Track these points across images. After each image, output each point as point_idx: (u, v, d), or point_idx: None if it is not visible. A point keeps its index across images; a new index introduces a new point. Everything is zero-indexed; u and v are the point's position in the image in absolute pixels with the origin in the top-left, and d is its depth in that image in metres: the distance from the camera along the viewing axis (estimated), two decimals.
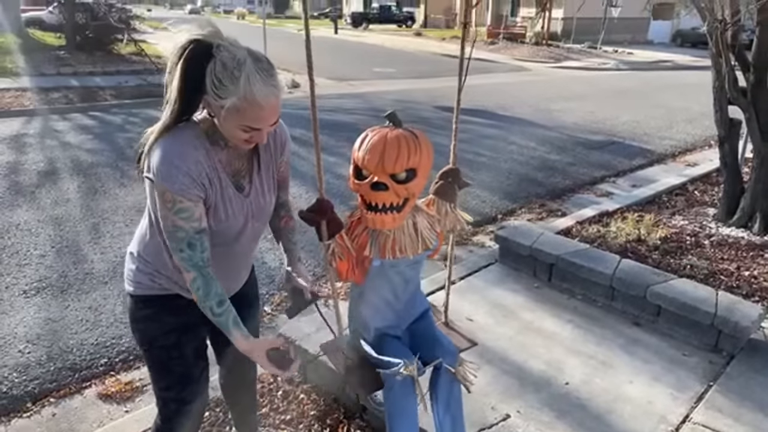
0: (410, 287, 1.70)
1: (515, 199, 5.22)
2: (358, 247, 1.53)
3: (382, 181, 1.44)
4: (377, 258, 1.55)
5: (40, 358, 2.66)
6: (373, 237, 1.53)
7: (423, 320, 1.79)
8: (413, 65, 16.73)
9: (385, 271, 1.60)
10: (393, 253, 1.54)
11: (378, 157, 1.42)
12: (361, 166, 1.45)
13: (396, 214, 1.48)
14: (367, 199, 1.45)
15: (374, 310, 1.67)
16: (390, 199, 1.46)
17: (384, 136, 1.44)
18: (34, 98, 9.00)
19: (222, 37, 1.21)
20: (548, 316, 3.08)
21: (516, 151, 7.00)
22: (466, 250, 4.10)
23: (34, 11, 19.95)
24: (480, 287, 3.41)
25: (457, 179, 1.73)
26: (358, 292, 1.70)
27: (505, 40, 24.94)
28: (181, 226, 1.27)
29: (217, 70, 1.17)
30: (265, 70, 1.21)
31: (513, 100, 10.92)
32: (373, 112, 9.42)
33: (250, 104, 1.19)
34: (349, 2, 48.43)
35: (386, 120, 1.50)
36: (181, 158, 1.25)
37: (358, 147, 1.46)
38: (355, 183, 1.47)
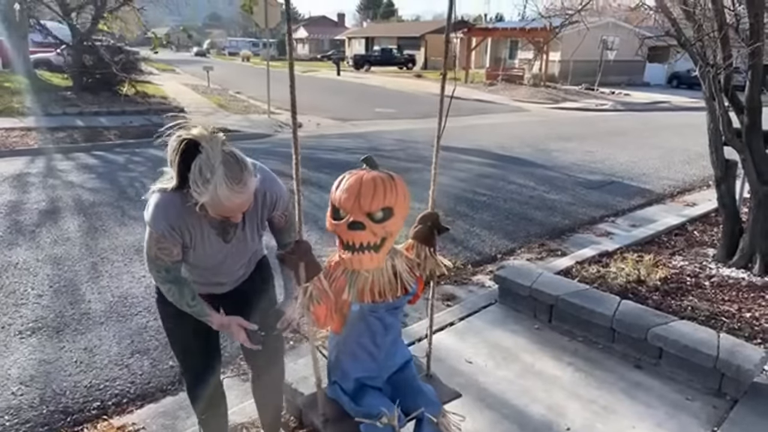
0: (390, 334, 1.66)
1: (515, 239, 5.22)
2: (336, 291, 1.50)
3: (359, 221, 1.44)
4: (356, 302, 1.53)
5: (33, 401, 2.61)
6: (352, 280, 1.51)
7: (405, 371, 1.74)
8: (413, 106, 17.02)
9: (365, 317, 1.57)
10: (372, 296, 1.52)
11: (354, 197, 1.44)
12: (338, 206, 1.46)
13: (374, 254, 1.47)
14: (344, 239, 1.45)
15: (354, 359, 1.63)
16: (367, 238, 1.46)
17: (360, 177, 1.45)
18: (38, 137, 9.13)
19: (207, 138, 1.47)
20: (549, 359, 3.04)
21: (515, 190, 7.04)
22: (466, 289, 4.08)
23: (43, 53, 20.42)
24: (480, 328, 3.38)
25: (436, 224, 1.72)
26: (336, 340, 1.66)
27: (503, 81, 25.44)
28: (161, 257, 1.64)
29: (195, 173, 1.46)
30: (235, 178, 1.46)
31: (512, 140, 11.05)
32: (374, 151, 9.52)
33: (217, 204, 1.49)
34: (351, 45, 49.65)
35: (363, 164, 1.52)
36: (167, 211, 1.59)
37: (335, 188, 1.48)
38: (333, 223, 1.47)
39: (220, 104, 15.29)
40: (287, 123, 12.30)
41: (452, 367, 2.92)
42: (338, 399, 1.66)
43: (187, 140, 1.48)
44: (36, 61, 18.96)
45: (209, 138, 1.47)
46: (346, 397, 1.62)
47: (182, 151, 1.49)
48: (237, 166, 1.48)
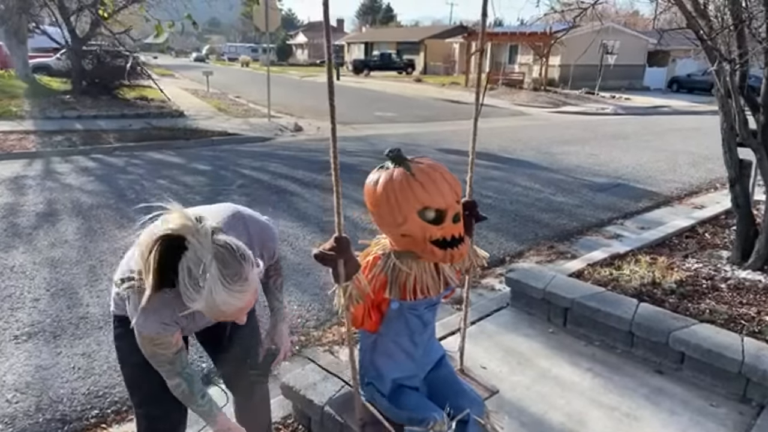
0: (428, 331, 1.59)
1: (523, 241, 5.12)
2: (376, 289, 1.41)
3: (458, 212, 1.38)
4: (396, 300, 1.43)
5: (29, 409, 2.49)
6: (393, 277, 1.42)
7: (441, 368, 1.66)
8: (414, 110, 16.95)
9: (404, 315, 1.49)
10: (414, 294, 1.43)
11: (452, 190, 1.35)
12: (442, 207, 1.32)
13: (465, 242, 1.42)
14: (442, 235, 1.33)
15: (391, 359, 1.54)
16: (461, 228, 1.40)
17: (435, 169, 1.37)
18: (36, 141, 9.03)
19: (193, 229, 1.19)
20: (566, 364, 2.93)
21: (521, 192, 6.94)
22: (476, 293, 3.96)
23: (42, 58, 20.38)
24: (492, 332, 3.27)
25: (474, 212, 1.63)
26: (370, 341, 1.57)
27: (504, 85, 25.41)
28: (161, 353, 1.40)
29: (184, 276, 1.19)
30: (233, 275, 1.20)
31: (515, 143, 10.97)
32: (375, 154, 9.43)
33: (215, 311, 1.23)
34: (350, 50, 49.71)
35: (391, 160, 1.38)
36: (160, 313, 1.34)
37: (423, 192, 1.29)
38: (436, 228, 1.32)
39: (220, 108, 15.20)
40: (287, 126, 12.23)
41: None
42: (375, 401, 1.58)
43: (165, 239, 1.19)
44: (35, 66, 18.92)
45: (195, 229, 1.19)
46: (384, 399, 1.54)
47: (161, 252, 1.20)
48: (234, 259, 1.20)
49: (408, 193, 1.29)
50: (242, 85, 23.99)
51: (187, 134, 10.40)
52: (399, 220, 1.30)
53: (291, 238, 4.83)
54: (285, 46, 62.68)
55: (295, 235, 4.94)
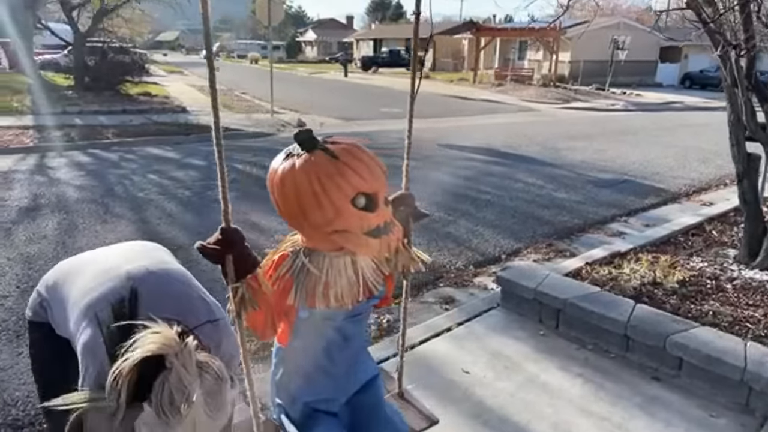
0: (352, 347, 1.33)
1: (520, 239, 4.91)
2: (280, 293, 1.18)
3: (386, 196, 1.19)
4: (304, 307, 1.20)
5: None
6: (299, 280, 1.18)
7: (369, 391, 1.41)
8: (420, 106, 16.52)
9: (317, 326, 1.25)
10: (326, 300, 1.19)
11: (383, 173, 1.16)
12: (373, 191, 1.11)
13: (396, 227, 1.20)
14: (377, 223, 1.12)
15: (303, 378, 1.29)
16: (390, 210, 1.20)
17: (357, 147, 1.13)
18: (35, 136, 8.95)
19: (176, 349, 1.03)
20: (555, 369, 2.74)
21: (522, 188, 6.73)
22: (467, 292, 3.78)
23: (51, 54, 20.42)
24: (480, 334, 3.09)
25: (411, 208, 1.41)
26: (281, 355, 1.33)
27: (512, 81, 25.09)
28: None
29: (163, 401, 1.02)
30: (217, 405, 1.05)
31: (520, 139, 10.73)
32: (377, 148, 9.23)
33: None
34: (359, 47, 49.52)
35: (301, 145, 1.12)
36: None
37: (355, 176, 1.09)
38: (373, 216, 1.11)
39: (224, 104, 15.08)
40: (290, 122, 12.09)
41: (447, 378, 2.63)
42: (283, 428, 1.34)
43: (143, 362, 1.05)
44: (44, 63, 18.97)
45: (178, 350, 1.04)
46: (292, 426, 1.30)
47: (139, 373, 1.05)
48: (217, 385, 1.07)
49: (338, 180, 1.06)
50: (249, 81, 23.86)
51: (187, 129, 10.28)
52: (330, 214, 1.07)
53: (278, 236, 4.66)
54: (294, 43, 62.65)
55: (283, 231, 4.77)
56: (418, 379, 2.60)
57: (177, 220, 4.89)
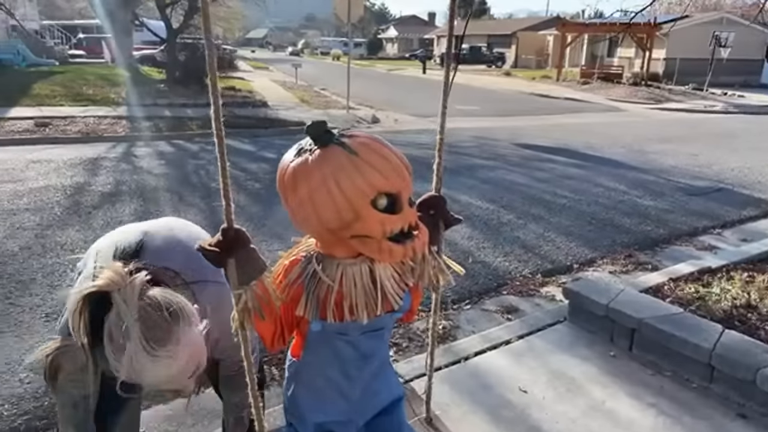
0: (371, 365, 1.18)
1: (596, 247, 4.57)
2: (289, 302, 1.06)
3: (411, 197, 1.03)
4: (316, 319, 1.07)
5: (37, 391, 2.44)
6: (310, 288, 1.05)
7: (390, 414, 1.26)
8: (498, 104, 16.27)
9: (330, 340, 1.11)
10: (339, 313, 1.05)
11: (407, 169, 0.99)
12: (396, 190, 0.97)
13: (421, 231, 1.05)
14: (402, 226, 0.98)
15: (315, 397, 1.16)
16: (416, 212, 1.05)
17: (377, 141, 0.98)
18: (127, 126, 9.51)
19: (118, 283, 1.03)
20: (625, 396, 2.47)
21: (602, 194, 6.30)
22: (532, 302, 3.54)
23: (149, 50, 21.79)
24: (541, 350, 2.86)
25: (442, 212, 1.23)
26: (293, 369, 1.21)
27: (599, 80, 23.87)
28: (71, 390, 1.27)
29: (106, 340, 1.03)
30: (156, 340, 1.02)
31: (603, 140, 10.12)
32: (446, 147, 9.02)
33: (138, 380, 1.05)
34: (440, 44, 49.11)
35: (314, 141, 0.97)
36: None
37: (375, 174, 0.94)
38: (396, 218, 0.97)
39: (303, 99, 15.40)
40: (365, 118, 12.13)
41: (501, 396, 2.44)
42: None
43: (91, 296, 1.04)
44: (142, 57, 20.26)
45: (121, 284, 1.03)
46: None
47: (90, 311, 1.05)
48: (162, 319, 1.03)
49: (357, 179, 0.92)
50: (329, 77, 24.28)
51: (266, 123, 10.57)
52: (348, 217, 0.94)
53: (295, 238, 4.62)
54: (376, 40, 63.23)
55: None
56: (468, 394, 2.43)
57: (244, 211, 4.97)
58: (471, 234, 4.72)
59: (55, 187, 5.52)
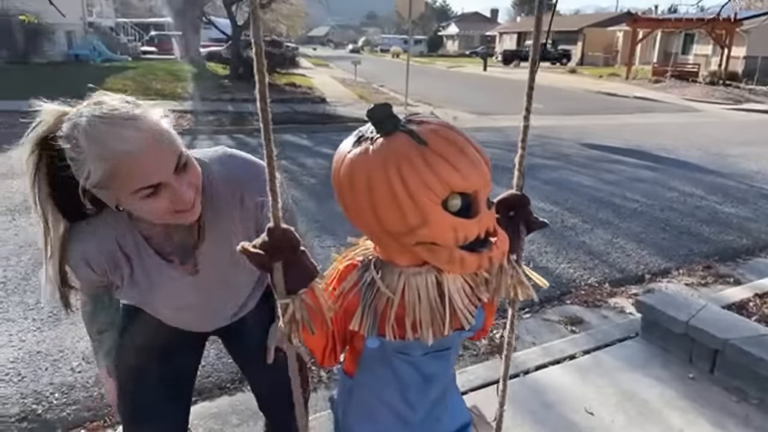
0: (434, 389, 1.01)
1: (671, 257, 4.22)
2: (342, 313, 0.91)
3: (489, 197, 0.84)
4: (373, 335, 0.91)
5: (87, 381, 2.44)
6: (366, 299, 0.89)
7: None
8: (562, 102, 15.68)
9: (389, 359, 0.95)
10: (400, 330, 0.88)
11: (483, 162, 0.80)
12: (473, 190, 0.79)
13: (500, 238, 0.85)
14: (471, 232, 0.80)
15: (370, 422, 1.01)
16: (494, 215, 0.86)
17: (452, 129, 0.81)
18: (191, 119, 9.76)
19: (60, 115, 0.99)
20: (706, 423, 2.21)
21: (677, 198, 5.87)
22: (599, 314, 3.28)
23: (216, 47, 22.47)
24: (610, 368, 2.62)
25: (524, 214, 1.02)
26: (346, 387, 1.05)
27: (672, 78, 22.63)
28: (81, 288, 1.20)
29: (62, 152, 0.96)
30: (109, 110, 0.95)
31: (678, 142, 9.50)
32: (508, 146, 8.74)
33: (112, 161, 0.93)
34: (502, 41, 48.17)
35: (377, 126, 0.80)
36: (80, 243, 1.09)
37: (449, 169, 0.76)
38: (471, 223, 0.79)
39: (361, 96, 15.40)
40: None
41: (564, 417, 2.23)
42: None
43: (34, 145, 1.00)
44: (209, 54, 20.90)
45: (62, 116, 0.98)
46: None
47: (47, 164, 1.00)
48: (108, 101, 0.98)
49: (427, 175, 0.75)
50: (388, 74, 24.24)
51: (324, 119, 10.61)
52: (413, 221, 0.77)
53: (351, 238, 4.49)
54: (436, 37, 62.80)
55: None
56: (529, 413, 2.24)
57: (298, 207, 4.91)
58: (532, 237, 4.47)
59: None
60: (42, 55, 18.74)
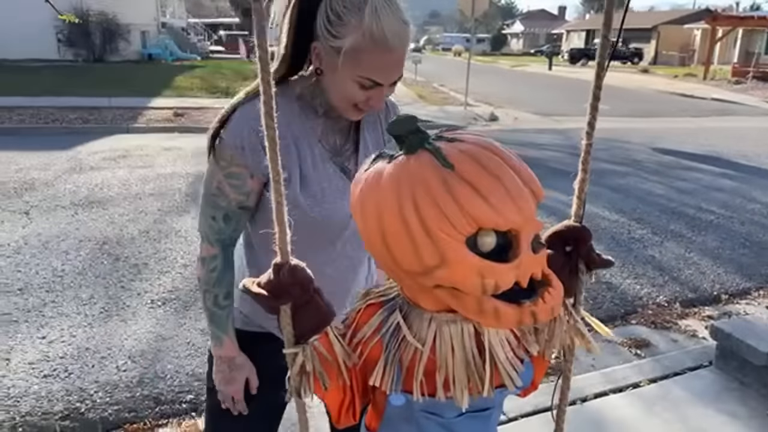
0: None
1: (751, 276, 3.85)
2: (362, 365, 0.76)
3: (541, 228, 0.66)
4: (397, 392, 0.75)
5: (131, 381, 2.45)
6: (390, 348, 0.74)
7: None
8: (632, 103, 14.91)
9: (416, 420, 0.79)
10: (430, 386, 0.73)
11: (525, 188, 0.63)
12: (513, 226, 0.62)
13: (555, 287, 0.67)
14: (507, 279, 0.63)
15: None
16: (545, 259, 0.67)
17: (488, 149, 0.63)
18: None
19: None
20: None
21: (759, 211, 5.39)
22: (667, 338, 3.01)
23: None
24: (679, 399, 2.37)
25: (585, 250, 0.81)
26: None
27: (755, 79, 21.12)
28: (226, 193, 1.04)
29: (334, 2, 0.96)
30: (395, 4, 0.98)
31: (760, 148, 8.79)
32: (571, 149, 8.35)
33: (375, 43, 0.95)
34: (569, 39, 46.66)
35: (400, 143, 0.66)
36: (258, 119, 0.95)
37: (478, 199, 0.60)
38: (506, 268, 0.62)
39: (420, 95, 15.25)
40: (482, 115, 11.69)
41: None
42: None
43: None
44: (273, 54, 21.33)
45: None
46: None
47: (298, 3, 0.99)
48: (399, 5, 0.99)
49: (447, 206, 0.60)
50: (449, 73, 23.91)
51: None
52: (431, 260, 0.62)
53: None
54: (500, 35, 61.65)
55: None
56: None
57: None
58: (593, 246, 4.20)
59: (180, 174, 5.80)
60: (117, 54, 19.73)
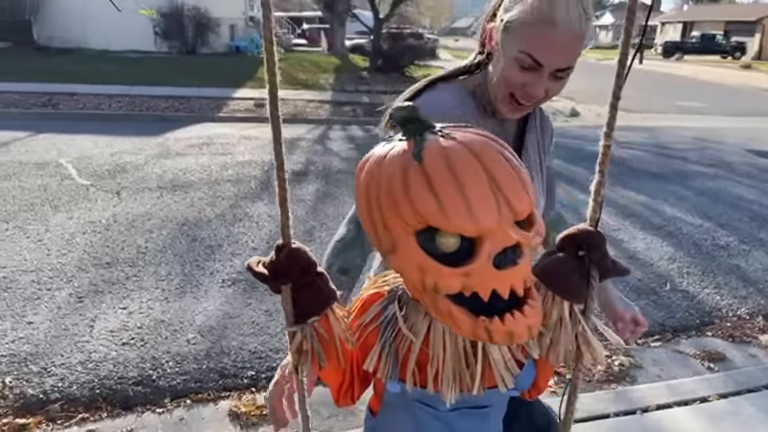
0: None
1: None
2: (359, 349, 0.76)
3: (512, 244, 0.60)
4: (393, 381, 0.76)
5: (199, 354, 2.61)
6: (386, 337, 0.75)
7: None
8: (730, 101, 13.86)
9: (411, 409, 0.81)
10: (422, 378, 0.74)
11: (494, 209, 0.58)
12: (466, 231, 0.58)
13: (530, 309, 0.61)
14: (465, 287, 0.60)
15: None
16: (524, 273, 0.62)
17: (468, 149, 0.60)
18: (328, 109, 10.17)
19: None
20: None
21: None
22: (745, 352, 2.81)
23: (360, 39, 23.25)
24: (751, 419, 2.22)
25: (597, 255, 0.70)
26: (370, 426, 0.92)
27: None
28: None
29: None
30: None
31: None
32: (656, 148, 7.90)
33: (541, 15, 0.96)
34: (664, 31, 43.92)
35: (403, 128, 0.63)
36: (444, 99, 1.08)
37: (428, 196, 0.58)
38: (452, 272, 0.59)
39: None
40: (562, 111, 11.29)
41: None
42: None
43: None
44: (353, 46, 21.71)
45: None
46: None
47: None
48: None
49: (398, 197, 0.59)
50: None
51: None
52: (385, 245, 0.63)
53: None
54: None
55: None
56: None
57: None
58: (673, 254, 3.97)
59: (256, 162, 6.06)
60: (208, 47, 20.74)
